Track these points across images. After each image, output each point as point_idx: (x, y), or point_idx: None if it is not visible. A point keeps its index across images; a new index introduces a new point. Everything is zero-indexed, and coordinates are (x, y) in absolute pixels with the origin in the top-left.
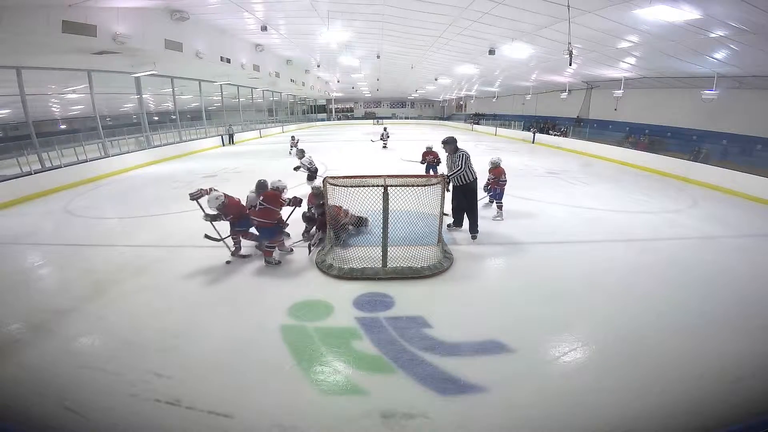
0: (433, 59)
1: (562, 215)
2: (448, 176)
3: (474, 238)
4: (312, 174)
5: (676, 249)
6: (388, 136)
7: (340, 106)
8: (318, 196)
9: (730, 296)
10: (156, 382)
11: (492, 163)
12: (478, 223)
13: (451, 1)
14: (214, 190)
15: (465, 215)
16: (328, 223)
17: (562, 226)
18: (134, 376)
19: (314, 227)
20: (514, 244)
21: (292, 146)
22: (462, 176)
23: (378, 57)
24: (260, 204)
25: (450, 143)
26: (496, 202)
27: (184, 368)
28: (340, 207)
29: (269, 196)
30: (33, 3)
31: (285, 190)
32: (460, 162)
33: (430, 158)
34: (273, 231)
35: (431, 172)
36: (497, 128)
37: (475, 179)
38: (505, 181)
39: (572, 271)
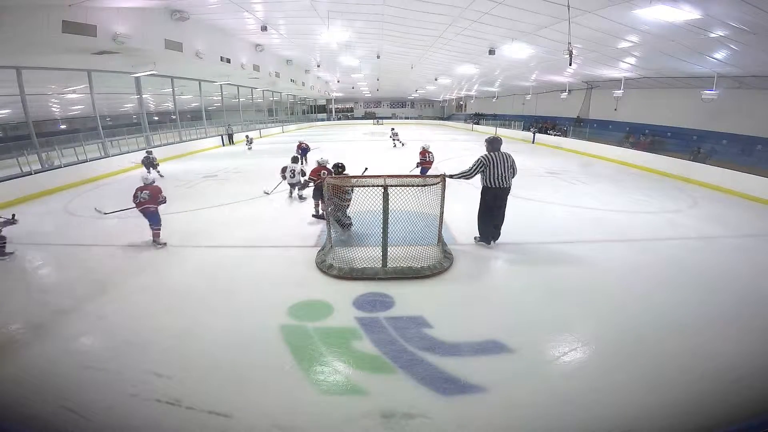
0: (433, 59)
1: (562, 215)
2: (450, 175)
3: (475, 239)
4: None
5: (676, 249)
6: (398, 135)
7: (340, 106)
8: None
9: (730, 296)
10: (156, 382)
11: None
12: (484, 233)
13: (451, 1)
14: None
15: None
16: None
17: (562, 226)
18: (134, 376)
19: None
20: (514, 244)
21: (248, 143)
22: (487, 180)
23: (378, 57)
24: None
25: (486, 142)
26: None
27: (184, 368)
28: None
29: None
30: (33, 3)
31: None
32: (473, 166)
33: (421, 158)
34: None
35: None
36: (497, 128)
37: (498, 187)
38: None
39: (572, 271)
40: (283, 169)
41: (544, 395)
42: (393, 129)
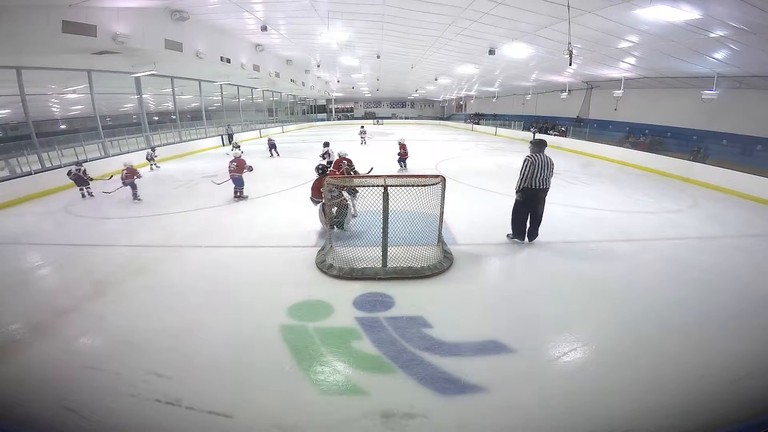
0: (433, 59)
1: (562, 215)
2: (517, 189)
3: (508, 236)
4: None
5: (676, 249)
6: (365, 133)
7: (340, 106)
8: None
9: (730, 296)
10: (156, 382)
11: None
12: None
13: (451, 1)
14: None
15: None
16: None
17: (562, 226)
18: (134, 376)
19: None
20: (514, 244)
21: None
22: (529, 180)
23: (378, 57)
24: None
25: (533, 144)
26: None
27: (184, 368)
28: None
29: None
30: (33, 3)
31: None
32: (525, 169)
33: (401, 151)
34: None
35: (402, 165)
36: (497, 128)
37: (536, 188)
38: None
39: (572, 271)
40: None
41: (544, 395)
42: (362, 127)
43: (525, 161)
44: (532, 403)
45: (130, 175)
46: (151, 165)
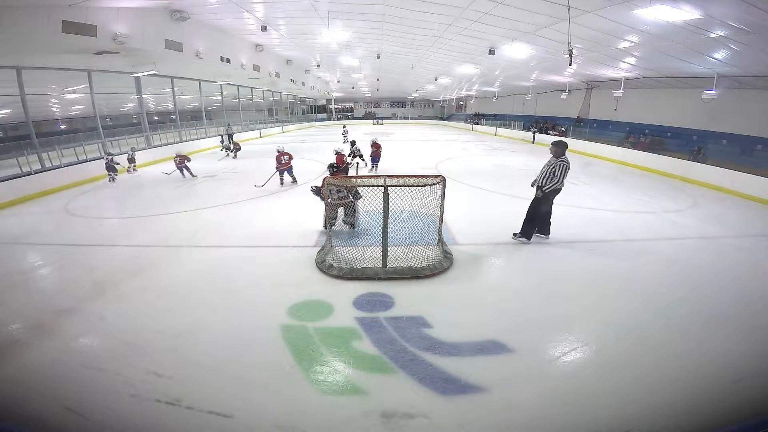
0: (433, 59)
1: (561, 215)
2: (544, 189)
3: (515, 235)
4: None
5: (676, 249)
6: (347, 132)
7: (340, 106)
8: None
9: (730, 296)
10: (156, 382)
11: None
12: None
13: (451, 1)
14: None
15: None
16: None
17: (561, 225)
18: (134, 376)
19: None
20: (514, 244)
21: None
22: (559, 182)
23: (378, 57)
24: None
25: (557, 146)
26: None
27: (184, 368)
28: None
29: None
30: (33, 3)
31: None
32: (559, 173)
33: (375, 150)
34: None
35: (374, 166)
36: (497, 128)
37: (561, 188)
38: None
39: (572, 271)
40: (351, 143)
41: (544, 395)
42: (344, 126)
43: (560, 165)
44: (532, 403)
45: (181, 161)
46: (129, 168)
